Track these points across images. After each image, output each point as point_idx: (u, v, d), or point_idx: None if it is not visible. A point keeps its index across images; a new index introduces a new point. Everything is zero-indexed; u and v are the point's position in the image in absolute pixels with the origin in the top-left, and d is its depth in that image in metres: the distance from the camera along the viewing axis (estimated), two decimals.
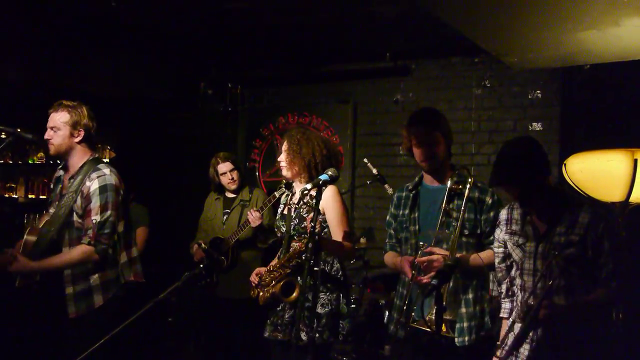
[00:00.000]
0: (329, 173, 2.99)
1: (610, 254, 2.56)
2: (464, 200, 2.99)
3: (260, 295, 3.35)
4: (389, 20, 4.74)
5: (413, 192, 3.21)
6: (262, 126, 6.52)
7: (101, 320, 3.31)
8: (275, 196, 4.43)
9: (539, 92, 5.31)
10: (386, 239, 3.35)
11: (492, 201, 3.07)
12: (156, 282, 3.56)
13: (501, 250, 2.85)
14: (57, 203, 3.48)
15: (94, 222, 3.33)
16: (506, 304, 2.85)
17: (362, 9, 4.56)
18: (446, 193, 3.03)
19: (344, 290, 3.36)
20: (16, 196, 6.88)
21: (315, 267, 2.76)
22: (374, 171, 5.00)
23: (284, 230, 3.42)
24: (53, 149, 3.47)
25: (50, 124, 3.45)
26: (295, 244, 3.33)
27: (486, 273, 3.15)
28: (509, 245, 2.79)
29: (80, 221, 3.40)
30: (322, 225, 3.32)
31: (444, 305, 2.56)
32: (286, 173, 3.45)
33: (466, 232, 3.02)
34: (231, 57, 6.09)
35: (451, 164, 3.21)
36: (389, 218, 3.33)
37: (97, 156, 3.55)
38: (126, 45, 5.60)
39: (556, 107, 5.22)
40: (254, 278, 3.43)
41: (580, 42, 4.22)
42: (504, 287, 2.86)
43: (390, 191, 4.66)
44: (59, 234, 3.41)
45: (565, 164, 3.88)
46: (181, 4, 4.65)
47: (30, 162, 6.86)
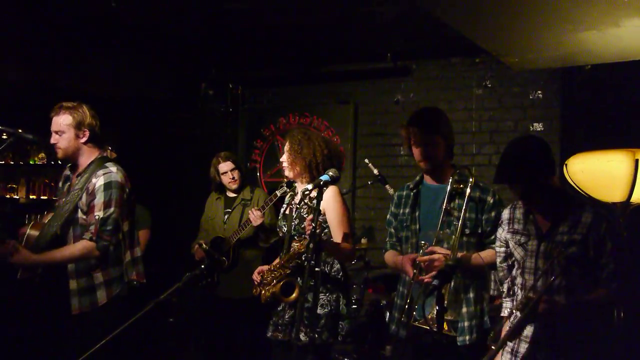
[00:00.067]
0: (330, 173, 2.99)
1: (612, 255, 2.56)
2: (465, 200, 3.00)
3: (262, 293, 3.36)
4: (390, 20, 4.74)
5: (414, 191, 3.21)
6: (262, 127, 6.52)
7: (104, 318, 3.31)
8: (276, 195, 4.43)
9: (539, 92, 5.31)
10: (386, 238, 3.34)
11: (493, 201, 3.07)
12: (157, 283, 3.58)
13: (503, 249, 2.85)
14: (63, 200, 3.48)
15: (96, 218, 3.33)
16: (507, 304, 2.85)
17: (363, 9, 4.56)
18: (447, 192, 3.04)
19: (344, 291, 3.36)
20: (17, 197, 6.89)
21: (316, 268, 2.76)
22: (375, 171, 5.00)
23: (285, 230, 3.43)
24: (61, 153, 3.46)
25: (54, 128, 3.43)
26: (295, 244, 3.33)
27: (487, 272, 3.15)
28: (511, 245, 2.79)
29: (84, 218, 3.38)
30: (322, 225, 3.32)
31: (445, 305, 2.56)
32: (288, 173, 3.47)
33: (467, 231, 3.02)
34: (232, 57, 6.09)
35: (452, 163, 3.21)
36: (389, 217, 3.33)
37: (105, 155, 3.54)
38: (127, 46, 5.60)
39: (557, 107, 5.22)
40: (256, 276, 3.43)
41: (580, 43, 4.22)
42: (506, 287, 2.86)
43: (391, 191, 4.66)
44: (62, 229, 3.40)
45: (566, 165, 3.88)
46: (181, 5, 4.65)
47: (31, 162, 6.86)
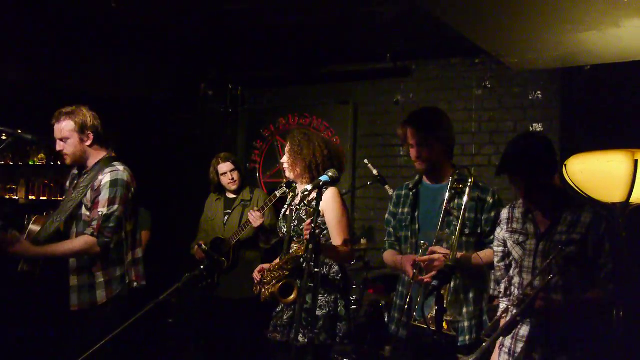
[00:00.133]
0: (329, 174, 2.98)
1: (610, 255, 2.56)
2: (465, 200, 2.99)
3: (262, 292, 3.36)
4: (389, 21, 4.74)
5: (413, 191, 3.21)
6: (262, 127, 6.52)
7: (103, 318, 3.31)
8: (276, 196, 4.43)
9: (539, 92, 5.31)
10: (385, 237, 3.34)
11: (493, 201, 3.06)
12: (157, 283, 3.58)
13: (501, 249, 2.85)
14: (68, 197, 3.49)
15: (100, 214, 3.33)
16: (504, 303, 2.85)
17: (363, 9, 4.56)
18: (447, 192, 3.03)
19: (342, 293, 3.36)
20: (17, 197, 6.89)
21: (315, 269, 2.76)
22: (375, 172, 4.99)
23: (285, 231, 3.43)
24: (69, 159, 3.48)
25: (57, 135, 3.44)
26: (295, 246, 3.33)
27: (486, 273, 3.15)
28: (509, 244, 2.79)
29: (88, 214, 3.39)
30: (321, 227, 3.32)
31: (444, 305, 2.55)
32: (289, 174, 3.47)
33: (467, 231, 3.02)
34: (231, 58, 6.09)
35: (452, 164, 3.20)
36: (388, 216, 3.32)
37: (112, 155, 3.56)
38: (126, 46, 5.60)
39: (556, 107, 5.22)
40: (256, 275, 3.43)
41: (580, 43, 4.23)
42: (503, 287, 2.86)
43: (391, 192, 4.64)
44: (65, 225, 3.42)
45: (565, 165, 3.88)
46: (181, 5, 4.65)
47: (30, 163, 6.86)
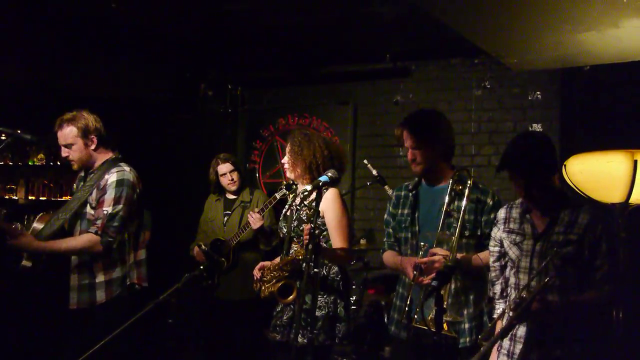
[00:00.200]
0: (329, 174, 2.99)
1: (607, 257, 2.57)
2: (465, 201, 2.99)
3: (262, 289, 3.36)
4: (389, 21, 4.74)
5: (413, 192, 3.20)
6: (262, 127, 6.52)
7: (103, 318, 3.31)
8: (276, 197, 4.43)
9: (538, 93, 5.31)
10: (384, 238, 3.33)
11: (492, 202, 3.06)
12: (156, 284, 3.58)
13: (497, 249, 2.85)
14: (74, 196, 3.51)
15: (104, 212, 3.35)
16: (500, 305, 2.85)
17: (362, 10, 4.56)
18: (447, 194, 3.03)
19: (342, 294, 3.35)
20: (16, 198, 6.89)
21: (314, 270, 2.76)
22: (374, 172, 4.99)
23: (285, 231, 3.43)
24: (76, 165, 3.52)
25: (61, 142, 3.47)
26: (295, 246, 3.34)
27: (485, 274, 3.15)
28: (506, 244, 2.79)
29: (92, 213, 3.41)
30: (320, 228, 3.32)
31: (444, 306, 2.55)
32: (289, 175, 3.48)
33: (467, 233, 3.01)
34: (231, 58, 6.09)
35: (452, 165, 3.20)
36: (387, 217, 3.31)
37: (119, 156, 3.59)
38: (126, 47, 5.60)
39: (556, 108, 5.22)
40: (256, 272, 3.43)
41: (579, 44, 4.23)
42: (498, 288, 2.86)
43: (390, 192, 4.65)
44: (70, 223, 3.43)
45: (565, 165, 3.87)
46: (181, 6, 4.65)
47: (30, 163, 6.85)
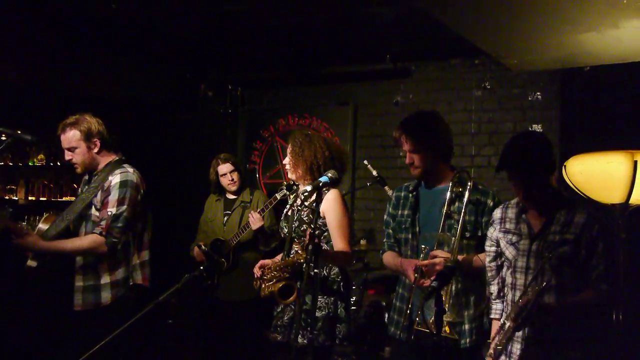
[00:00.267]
0: (329, 175, 2.99)
1: (603, 256, 2.58)
2: (465, 203, 2.99)
3: (262, 287, 3.36)
4: (389, 22, 4.74)
5: (413, 193, 3.20)
6: (262, 128, 6.52)
7: (108, 319, 3.31)
8: (276, 198, 4.43)
9: (538, 93, 5.31)
10: (384, 239, 3.33)
11: (493, 203, 3.05)
12: (156, 284, 3.59)
13: (493, 249, 2.85)
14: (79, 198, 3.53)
15: (109, 213, 3.37)
16: (497, 305, 2.85)
17: (362, 10, 4.56)
18: (447, 195, 3.03)
19: (342, 294, 3.35)
20: (16, 198, 6.89)
21: (315, 270, 2.76)
22: (374, 173, 4.99)
23: (286, 231, 3.43)
24: (79, 168, 3.54)
25: (64, 145, 3.49)
26: (296, 247, 3.34)
27: (485, 275, 3.15)
28: (502, 244, 2.79)
29: (97, 214, 3.43)
30: (321, 229, 3.32)
31: (444, 307, 2.55)
32: (291, 175, 3.49)
33: (467, 234, 3.01)
34: (231, 59, 6.09)
35: (452, 166, 3.20)
36: (386, 217, 3.31)
37: (122, 158, 3.60)
38: (126, 47, 5.60)
39: (556, 108, 5.22)
40: (257, 270, 3.43)
41: (579, 44, 4.23)
42: (494, 288, 2.86)
43: (390, 193, 4.65)
44: (75, 224, 3.46)
45: (565, 166, 3.88)
46: (181, 6, 4.65)
47: (30, 164, 6.86)
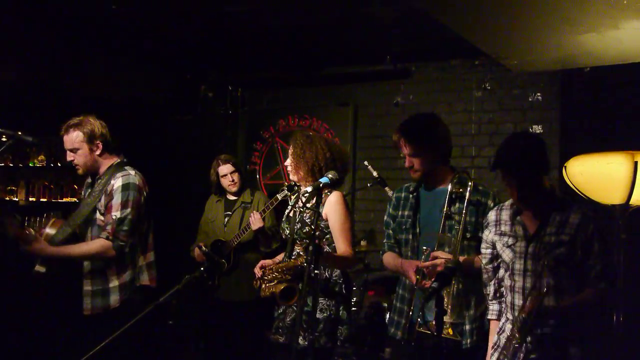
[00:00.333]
0: (329, 176, 3.00)
1: (600, 255, 2.58)
2: (465, 204, 2.99)
3: (262, 287, 3.36)
4: (389, 22, 4.74)
5: (414, 194, 3.20)
6: (262, 129, 6.52)
7: (116, 322, 3.31)
8: (277, 199, 4.43)
9: (539, 94, 5.31)
10: (384, 239, 3.32)
11: (493, 204, 3.04)
12: (157, 285, 3.59)
13: (489, 251, 2.85)
14: (84, 202, 3.55)
15: (114, 217, 3.39)
16: (494, 306, 2.85)
17: (362, 11, 4.56)
18: (447, 196, 3.02)
19: (344, 296, 3.35)
20: (17, 199, 6.89)
21: (315, 271, 2.76)
22: (375, 174, 4.99)
23: (288, 232, 3.43)
24: (81, 170, 3.55)
25: (67, 146, 3.50)
26: (298, 248, 3.34)
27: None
28: (498, 247, 2.79)
29: (102, 219, 3.45)
30: (323, 231, 3.32)
31: (445, 308, 2.55)
32: (292, 177, 3.49)
33: (468, 235, 3.00)
34: (231, 60, 6.09)
35: (451, 166, 3.20)
36: (387, 218, 3.30)
37: (124, 160, 3.61)
38: (126, 48, 5.60)
39: (556, 109, 5.22)
40: (257, 270, 3.44)
41: (580, 45, 4.23)
42: (491, 289, 2.86)
43: (391, 193, 4.65)
44: (80, 229, 3.48)
45: (565, 167, 3.88)
46: (181, 7, 4.65)
47: (30, 165, 6.85)
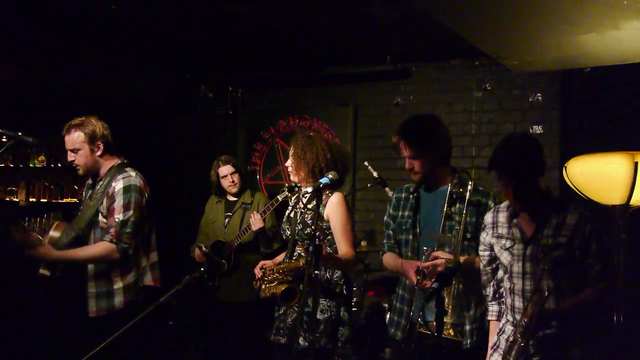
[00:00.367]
0: (330, 176, 3.00)
1: (598, 255, 2.58)
2: (466, 204, 2.98)
3: (262, 288, 3.35)
4: (389, 23, 4.74)
5: (414, 195, 3.20)
6: (262, 129, 6.53)
7: (120, 323, 3.32)
8: (277, 200, 4.43)
9: (539, 94, 5.31)
10: (384, 240, 3.32)
11: (494, 204, 3.03)
12: (160, 285, 3.59)
13: (487, 253, 2.85)
14: (86, 205, 3.55)
15: (116, 220, 3.39)
16: (493, 307, 2.86)
17: (362, 11, 4.56)
18: (447, 196, 3.02)
19: (345, 297, 3.35)
20: (17, 200, 6.90)
21: (315, 271, 2.76)
22: (375, 174, 4.99)
23: (289, 233, 3.43)
24: (81, 170, 3.56)
25: (68, 146, 3.51)
26: (299, 249, 3.34)
27: None
28: (496, 249, 2.79)
29: (105, 221, 3.46)
30: (325, 232, 3.32)
31: (446, 308, 2.55)
32: (294, 178, 3.49)
33: (468, 235, 3.00)
34: (231, 60, 6.09)
35: (452, 167, 3.20)
36: (387, 218, 3.30)
37: (125, 161, 3.62)
38: (126, 49, 5.60)
39: (556, 109, 5.23)
40: (257, 271, 3.44)
41: (580, 45, 4.23)
42: (490, 290, 2.86)
43: (391, 194, 4.65)
44: (84, 232, 3.48)
45: (565, 167, 3.88)
46: (181, 7, 4.66)
47: (31, 165, 6.87)
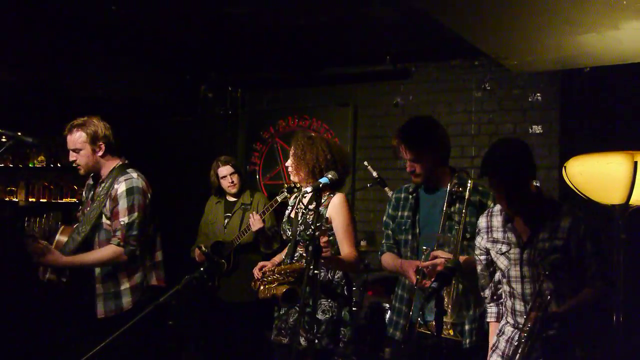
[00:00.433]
0: (329, 176, 3.00)
1: (594, 255, 2.58)
2: (465, 204, 2.98)
3: (261, 289, 3.35)
4: (389, 23, 4.75)
5: (413, 195, 3.20)
6: (262, 129, 6.53)
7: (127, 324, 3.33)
8: (277, 200, 4.43)
9: (538, 94, 5.32)
10: (383, 240, 3.31)
11: (493, 204, 3.03)
12: (165, 285, 3.60)
13: (483, 257, 2.84)
14: (89, 207, 3.56)
15: (122, 223, 3.40)
16: (492, 308, 2.85)
17: (362, 11, 4.56)
18: (447, 196, 3.02)
19: (346, 298, 3.35)
20: (17, 200, 6.90)
21: (315, 271, 2.76)
22: (374, 174, 4.98)
23: (290, 234, 3.43)
24: (82, 170, 3.56)
25: (70, 146, 3.52)
26: (300, 250, 3.34)
27: None
28: (493, 254, 2.78)
29: (109, 223, 3.47)
30: (327, 233, 3.31)
31: (445, 308, 2.55)
32: (294, 178, 3.49)
33: (468, 235, 2.99)
34: (231, 60, 6.09)
35: (451, 167, 3.20)
36: (386, 218, 3.30)
37: (126, 162, 3.62)
38: (126, 48, 5.61)
39: (556, 109, 5.23)
40: (257, 272, 3.43)
41: (579, 45, 4.23)
42: (488, 292, 2.86)
43: (391, 194, 4.65)
44: (89, 235, 3.49)
45: (565, 167, 3.88)
46: (181, 8, 4.66)
47: (30, 165, 6.87)
